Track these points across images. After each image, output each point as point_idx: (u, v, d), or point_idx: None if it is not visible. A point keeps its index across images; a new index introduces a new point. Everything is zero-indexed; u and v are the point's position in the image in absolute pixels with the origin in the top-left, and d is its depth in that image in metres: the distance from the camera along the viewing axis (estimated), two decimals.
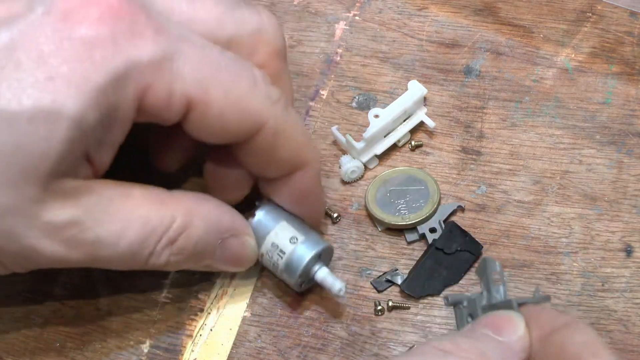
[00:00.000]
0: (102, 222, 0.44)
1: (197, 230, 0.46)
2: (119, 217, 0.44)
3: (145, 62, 0.42)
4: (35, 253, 0.43)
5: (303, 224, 0.49)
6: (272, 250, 0.48)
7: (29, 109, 0.40)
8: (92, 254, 0.44)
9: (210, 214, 0.47)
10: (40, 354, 0.50)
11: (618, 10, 0.60)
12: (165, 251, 0.46)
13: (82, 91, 0.41)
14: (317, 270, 0.48)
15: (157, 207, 0.46)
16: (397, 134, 0.55)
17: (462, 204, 0.53)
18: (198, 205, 0.47)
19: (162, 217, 0.45)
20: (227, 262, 0.49)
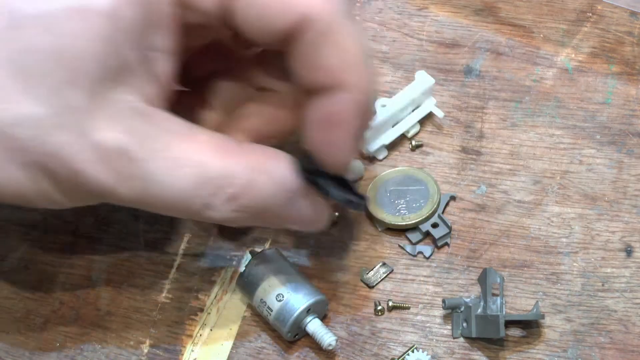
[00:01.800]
0: (156, 157, 0.40)
1: (263, 189, 0.43)
2: (174, 156, 0.41)
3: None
4: (84, 180, 0.40)
5: (293, 276, 0.48)
6: (261, 306, 0.48)
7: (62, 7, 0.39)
8: (141, 192, 0.41)
9: (279, 171, 0.43)
10: (40, 354, 0.50)
11: (618, 10, 0.60)
12: (225, 206, 0.42)
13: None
14: (309, 322, 0.48)
15: (220, 156, 0.42)
16: (405, 124, 0.55)
17: (454, 194, 0.53)
18: (267, 161, 0.43)
19: (224, 168, 0.42)
20: (300, 223, 0.46)
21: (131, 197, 0.41)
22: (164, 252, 0.53)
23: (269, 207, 0.43)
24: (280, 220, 0.45)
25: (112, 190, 0.41)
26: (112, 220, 0.55)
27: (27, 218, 0.55)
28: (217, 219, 0.43)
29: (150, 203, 0.42)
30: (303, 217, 0.45)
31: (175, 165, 0.41)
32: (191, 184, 0.41)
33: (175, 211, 0.43)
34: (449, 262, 0.51)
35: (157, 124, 0.41)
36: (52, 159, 0.40)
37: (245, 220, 0.44)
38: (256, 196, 0.42)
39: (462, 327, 0.48)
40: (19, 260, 0.54)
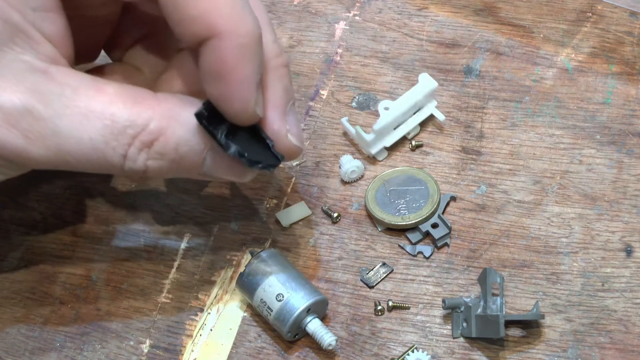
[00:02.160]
0: (61, 113, 0.40)
1: (176, 134, 0.42)
2: (81, 111, 0.40)
3: None
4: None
5: (293, 276, 0.48)
6: (261, 306, 0.48)
7: None
8: (56, 150, 0.41)
9: (192, 118, 0.42)
10: (40, 354, 0.50)
11: (618, 10, 0.60)
12: (141, 155, 0.42)
13: None
14: (309, 322, 0.48)
15: (129, 106, 0.41)
16: (406, 127, 0.55)
17: (454, 194, 0.53)
18: (179, 109, 0.43)
19: (133, 117, 0.41)
20: (223, 170, 0.44)
21: (48, 157, 0.41)
22: (164, 252, 0.53)
23: (185, 155, 0.43)
24: (199, 170, 0.44)
25: (25, 152, 0.41)
26: (112, 220, 0.55)
27: (27, 218, 0.55)
28: (137, 170, 0.42)
29: (68, 161, 0.42)
30: (224, 164, 0.44)
31: (84, 118, 0.41)
32: (103, 135, 0.41)
33: (95, 166, 0.42)
34: (449, 262, 0.51)
35: (60, 81, 0.41)
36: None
37: (165, 171, 0.43)
38: (170, 142, 0.42)
39: (462, 327, 0.48)
40: (19, 260, 0.54)
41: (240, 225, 0.54)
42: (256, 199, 0.55)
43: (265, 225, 0.54)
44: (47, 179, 0.57)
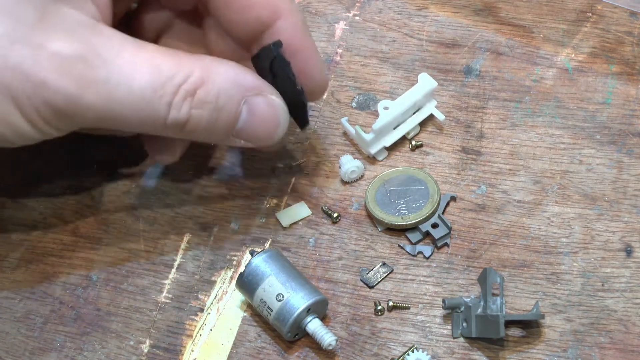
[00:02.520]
0: (113, 63, 0.42)
1: (217, 83, 0.45)
2: (130, 61, 0.43)
3: None
4: (49, 91, 0.42)
5: (293, 276, 0.48)
6: (261, 306, 0.48)
7: None
8: (107, 97, 0.43)
9: (230, 71, 0.46)
10: (40, 354, 0.50)
11: (618, 10, 0.60)
12: (185, 103, 0.44)
13: None
14: (309, 322, 0.48)
15: (172, 59, 0.44)
16: (406, 127, 0.55)
17: (455, 194, 0.53)
18: (217, 63, 0.46)
19: (177, 67, 0.44)
20: (257, 126, 0.47)
21: (98, 106, 0.43)
22: (164, 252, 0.53)
23: (224, 105, 0.45)
24: (234, 126, 0.46)
25: (78, 98, 0.42)
26: (112, 220, 0.55)
27: (27, 218, 0.55)
28: (180, 121, 0.45)
29: (117, 111, 0.43)
30: (263, 115, 0.47)
31: (133, 67, 0.43)
32: (151, 82, 0.43)
33: (141, 117, 0.44)
34: (449, 262, 0.51)
35: (107, 35, 0.43)
36: (14, 74, 0.41)
37: (204, 123, 0.45)
38: (211, 91, 0.45)
39: (462, 327, 0.48)
40: (19, 260, 0.54)
41: (240, 225, 0.54)
42: (256, 199, 0.55)
43: (265, 225, 0.54)
44: (47, 179, 0.57)
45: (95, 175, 0.57)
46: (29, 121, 0.43)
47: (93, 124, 0.45)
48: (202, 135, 0.47)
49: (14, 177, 0.57)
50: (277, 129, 0.48)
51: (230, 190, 0.55)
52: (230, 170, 0.56)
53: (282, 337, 0.49)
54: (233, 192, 0.55)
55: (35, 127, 0.43)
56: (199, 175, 0.56)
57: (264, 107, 0.47)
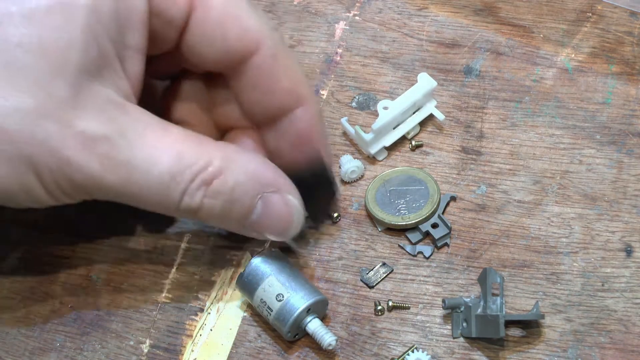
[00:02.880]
0: (136, 145, 0.43)
1: (234, 175, 0.45)
2: (153, 144, 0.43)
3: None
4: (71, 168, 0.42)
5: (293, 276, 0.48)
6: (261, 306, 0.48)
7: (45, 3, 0.41)
8: (126, 179, 0.43)
9: (250, 164, 0.46)
10: (40, 354, 0.50)
11: (618, 10, 0.60)
12: (199, 192, 0.45)
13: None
14: (309, 322, 0.48)
15: (194, 146, 0.45)
16: (406, 126, 0.55)
17: (455, 194, 0.53)
18: (238, 154, 0.46)
19: (198, 155, 0.44)
20: (270, 222, 0.47)
21: (116, 186, 0.43)
22: (164, 252, 0.53)
23: (239, 198, 0.46)
24: (248, 218, 0.47)
25: (99, 178, 0.43)
26: (112, 220, 0.55)
27: (27, 218, 0.55)
28: (193, 208, 0.45)
29: (132, 192, 0.44)
30: (277, 213, 0.47)
31: (155, 152, 0.43)
32: (170, 169, 0.43)
33: (154, 199, 0.44)
34: (449, 262, 0.51)
35: (134, 116, 0.44)
36: (39, 149, 0.41)
37: (216, 212, 0.46)
38: (228, 182, 0.45)
39: (462, 327, 0.48)
40: (19, 260, 0.54)
41: None
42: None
43: None
44: None
45: None
46: (48, 191, 0.44)
47: (111, 199, 0.45)
48: (214, 223, 0.48)
49: None
50: (290, 228, 0.48)
51: None
52: None
53: (282, 337, 0.49)
54: None
55: (51, 196, 0.44)
56: None
57: (280, 205, 0.47)
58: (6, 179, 0.42)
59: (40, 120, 0.41)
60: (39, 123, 0.41)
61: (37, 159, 0.42)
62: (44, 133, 0.41)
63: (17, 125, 0.41)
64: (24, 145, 0.41)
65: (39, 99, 0.41)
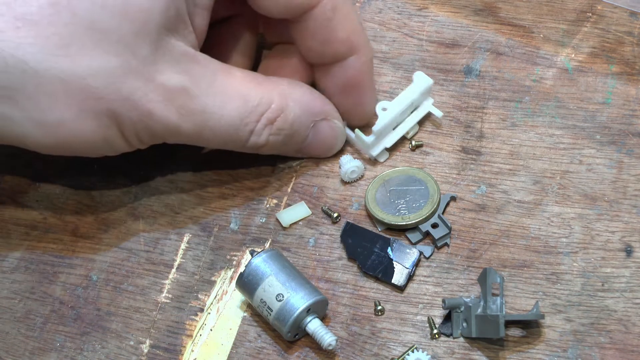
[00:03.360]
0: (208, 93, 0.47)
1: (293, 112, 0.50)
2: (222, 91, 0.48)
3: None
4: (152, 120, 0.46)
5: (293, 276, 0.48)
6: (261, 306, 0.48)
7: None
8: (200, 125, 0.47)
9: (303, 97, 0.51)
10: (40, 354, 0.50)
11: (618, 10, 0.60)
12: (265, 130, 0.50)
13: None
14: (309, 322, 0.48)
15: (255, 86, 0.49)
16: (405, 126, 0.55)
17: (455, 194, 0.53)
18: (292, 89, 0.51)
19: (260, 96, 0.49)
20: (318, 145, 0.53)
21: (192, 132, 0.48)
22: (164, 252, 0.53)
23: (297, 130, 0.51)
24: (302, 144, 0.53)
25: (177, 127, 0.47)
26: (112, 220, 0.55)
27: (27, 218, 0.55)
28: (259, 145, 0.50)
29: (207, 136, 0.49)
30: (325, 138, 0.53)
31: (224, 98, 0.48)
32: (240, 112, 0.48)
33: (227, 141, 0.49)
34: (449, 262, 0.51)
35: (203, 64, 0.47)
36: (124, 104, 0.45)
37: (278, 145, 0.51)
38: (288, 119, 0.50)
39: (462, 327, 0.48)
40: (19, 260, 0.54)
41: (240, 225, 0.54)
42: (256, 199, 0.55)
43: (265, 225, 0.54)
44: (47, 178, 0.57)
45: (95, 175, 0.57)
46: (126, 140, 0.47)
47: (179, 142, 0.49)
48: (272, 153, 0.52)
49: (14, 177, 0.57)
50: (333, 150, 0.55)
51: (230, 190, 0.55)
52: (231, 170, 0.56)
53: (282, 337, 0.49)
54: (233, 192, 0.55)
55: (128, 144, 0.48)
56: (199, 175, 0.56)
57: (327, 130, 0.53)
58: (92, 133, 0.46)
59: (125, 77, 0.44)
60: (124, 80, 0.44)
61: (121, 113, 0.45)
62: (128, 89, 0.45)
63: (104, 83, 0.44)
64: (110, 102, 0.45)
65: (124, 58, 0.44)
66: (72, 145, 0.47)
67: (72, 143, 0.46)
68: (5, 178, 0.57)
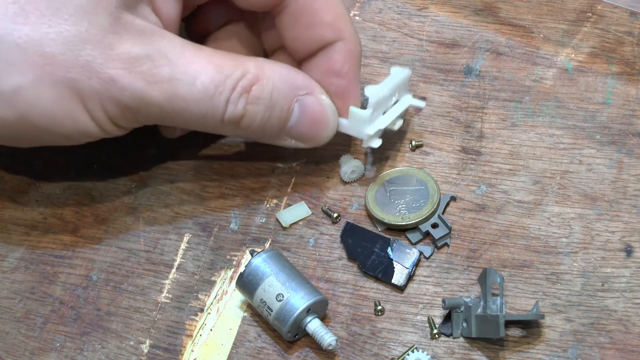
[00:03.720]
0: (176, 63, 0.46)
1: (270, 80, 0.48)
2: (193, 61, 0.46)
3: None
4: (116, 88, 0.45)
5: (293, 276, 0.48)
6: (261, 306, 0.48)
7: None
8: (170, 93, 0.46)
9: (282, 69, 0.49)
10: (40, 354, 0.50)
11: (618, 10, 0.60)
12: (241, 99, 0.48)
13: None
14: (309, 322, 0.48)
15: (230, 59, 0.48)
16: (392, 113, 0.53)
17: (455, 194, 0.53)
18: (269, 63, 0.49)
19: (235, 66, 0.47)
20: (308, 124, 0.50)
21: (161, 101, 0.46)
22: (164, 252, 0.53)
23: (277, 101, 0.49)
24: (291, 121, 0.50)
25: (144, 95, 0.46)
26: (112, 220, 0.55)
27: (27, 218, 0.55)
28: (237, 116, 0.48)
29: (180, 106, 0.47)
30: (313, 114, 0.50)
31: (196, 66, 0.46)
32: (213, 79, 0.47)
33: (201, 111, 0.47)
34: (449, 262, 0.51)
35: (170, 39, 0.47)
36: (83, 71, 0.45)
37: (259, 118, 0.49)
38: (266, 87, 0.48)
39: (462, 327, 0.48)
40: (19, 260, 0.54)
41: (240, 225, 0.54)
42: (256, 199, 0.55)
43: (265, 225, 0.54)
44: (47, 178, 0.57)
45: (95, 175, 0.57)
46: (94, 119, 0.46)
47: (154, 121, 0.48)
48: (256, 132, 0.50)
49: (14, 177, 0.57)
50: (327, 129, 0.51)
51: (230, 190, 0.55)
52: (231, 170, 0.56)
53: (282, 337, 0.49)
54: (233, 192, 0.55)
55: (99, 126, 0.47)
56: (199, 175, 0.56)
57: (315, 106, 0.50)
58: (52, 102, 0.45)
59: (83, 45, 0.44)
60: (82, 47, 0.44)
61: (81, 81, 0.45)
62: (87, 56, 0.44)
63: (61, 50, 0.44)
64: (68, 69, 0.44)
65: (82, 27, 0.44)
66: (34, 121, 0.46)
67: (34, 117, 0.45)
68: (5, 178, 0.57)
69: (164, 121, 0.48)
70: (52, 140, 0.48)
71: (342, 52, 0.51)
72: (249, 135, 0.51)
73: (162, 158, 0.57)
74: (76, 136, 0.47)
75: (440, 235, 0.51)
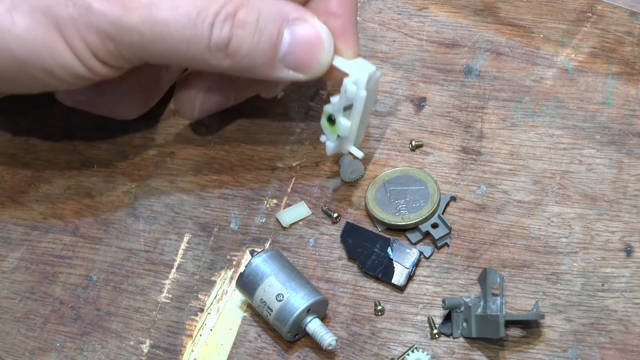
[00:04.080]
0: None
1: (256, 6, 0.47)
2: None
3: None
4: (93, 14, 0.44)
5: (293, 276, 0.48)
6: (261, 306, 0.48)
7: None
8: (150, 17, 0.44)
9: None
10: (40, 354, 0.50)
11: (618, 10, 0.60)
12: (226, 24, 0.46)
13: None
14: (309, 322, 0.48)
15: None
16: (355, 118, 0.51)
17: (455, 194, 0.53)
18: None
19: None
20: (302, 51, 0.48)
21: (143, 27, 0.44)
22: (164, 252, 0.53)
23: (265, 27, 0.47)
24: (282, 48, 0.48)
25: (122, 20, 0.44)
26: (112, 220, 0.55)
27: (27, 218, 0.55)
28: (223, 41, 0.46)
29: (162, 31, 0.45)
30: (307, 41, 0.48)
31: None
32: (195, 6, 0.45)
33: (185, 37, 0.45)
34: (449, 262, 0.51)
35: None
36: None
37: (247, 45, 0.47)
38: (252, 11, 0.46)
39: (462, 327, 0.48)
40: (19, 260, 0.54)
41: (240, 225, 0.54)
42: (256, 199, 0.55)
43: (265, 225, 0.54)
44: (47, 178, 0.57)
45: (95, 175, 0.57)
46: (74, 51, 0.45)
47: (140, 55, 0.46)
48: (247, 60, 0.47)
49: (14, 177, 0.58)
50: (323, 52, 0.48)
51: (230, 190, 0.55)
52: (231, 170, 0.56)
53: (282, 337, 0.49)
54: (233, 192, 0.55)
55: (81, 61, 0.45)
56: (199, 175, 0.56)
57: (307, 30, 0.48)
58: (27, 29, 0.44)
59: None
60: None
61: (56, 7, 0.44)
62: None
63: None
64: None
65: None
66: (13, 50, 0.45)
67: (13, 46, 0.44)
68: (5, 178, 0.57)
69: (150, 54, 0.46)
70: (42, 82, 0.47)
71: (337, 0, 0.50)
72: (242, 66, 0.48)
73: (162, 158, 0.57)
74: (62, 74, 0.46)
75: (440, 235, 0.51)
